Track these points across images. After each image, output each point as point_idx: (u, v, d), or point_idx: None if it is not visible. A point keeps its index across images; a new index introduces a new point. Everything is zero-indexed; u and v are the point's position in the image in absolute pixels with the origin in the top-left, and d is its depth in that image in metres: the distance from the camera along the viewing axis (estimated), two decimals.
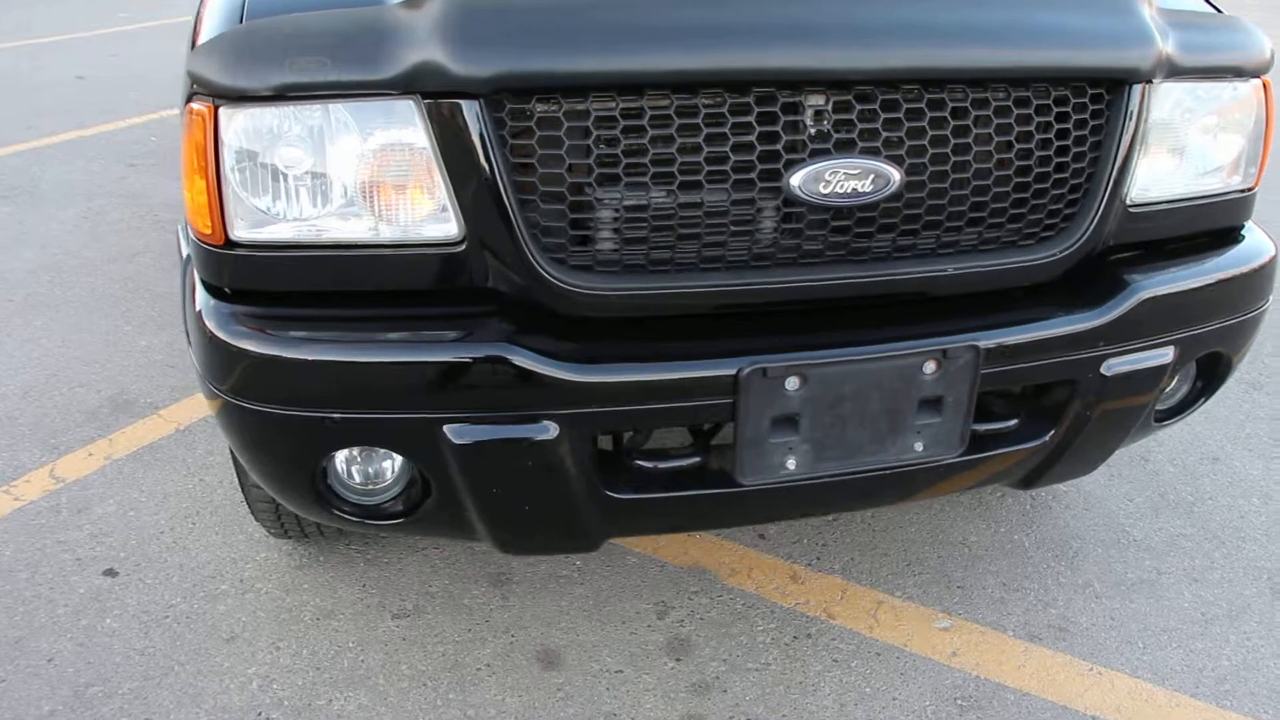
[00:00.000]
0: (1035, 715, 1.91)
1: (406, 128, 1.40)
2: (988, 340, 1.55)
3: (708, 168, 1.44)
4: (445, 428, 1.44)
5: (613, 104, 1.40)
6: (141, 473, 2.57)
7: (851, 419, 1.54)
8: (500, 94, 1.38)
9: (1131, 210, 1.66)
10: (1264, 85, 1.75)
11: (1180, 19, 1.66)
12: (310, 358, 1.41)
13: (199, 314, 1.51)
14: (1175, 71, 1.62)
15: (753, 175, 1.45)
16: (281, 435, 1.48)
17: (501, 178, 1.40)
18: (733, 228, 1.48)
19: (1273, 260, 1.80)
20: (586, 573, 2.26)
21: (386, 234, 1.45)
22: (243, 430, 1.52)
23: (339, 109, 1.40)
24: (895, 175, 1.48)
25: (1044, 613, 2.16)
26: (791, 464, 1.55)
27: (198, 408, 2.85)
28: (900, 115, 1.48)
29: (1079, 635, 2.10)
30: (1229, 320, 1.75)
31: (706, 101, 1.42)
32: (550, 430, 1.45)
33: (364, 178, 1.43)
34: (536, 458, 1.47)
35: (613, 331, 1.50)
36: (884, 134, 1.47)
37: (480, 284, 1.47)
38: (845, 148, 1.46)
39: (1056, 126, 1.56)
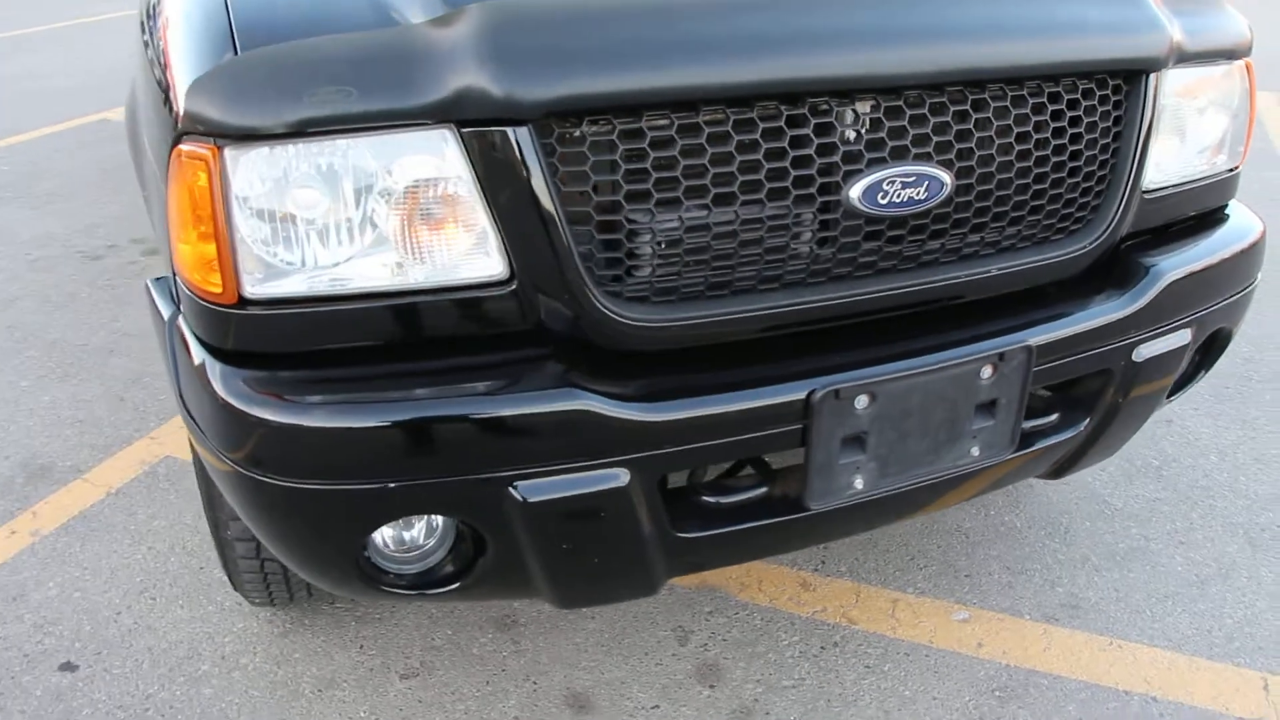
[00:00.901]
0: (1071, 696, 1.93)
1: (445, 160, 1.27)
2: (1038, 338, 1.54)
3: (768, 184, 1.36)
4: (511, 486, 1.32)
5: (668, 122, 1.31)
6: (78, 547, 2.32)
7: (914, 432, 1.50)
8: (550, 118, 1.26)
9: (1146, 196, 1.68)
10: (1247, 66, 1.79)
11: (1178, 5, 1.68)
12: (365, 424, 1.27)
13: (210, 386, 1.33)
14: (1183, 58, 1.63)
15: (813, 189, 1.38)
16: (323, 511, 1.33)
17: (554, 208, 1.28)
18: (791, 245, 1.41)
19: (1263, 236, 1.85)
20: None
21: (425, 278, 1.31)
22: (272, 510, 1.36)
23: (367, 143, 1.25)
24: (947, 179, 1.44)
25: (1052, 592, 2.19)
26: (859, 483, 1.50)
27: (127, 466, 2.60)
28: (948, 118, 1.44)
29: (1090, 611, 2.13)
30: (1233, 296, 1.80)
31: (763, 114, 1.34)
32: (622, 477, 1.35)
33: (399, 218, 1.29)
34: (609, 507, 1.37)
35: (671, 365, 1.40)
36: (934, 138, 1.43)
37: (530, 325, 1.36)
38: (900, 155, 1.41)
39: (1085, 120, 1.55)
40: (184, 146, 1.29)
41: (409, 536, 1.49)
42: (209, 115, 1.24)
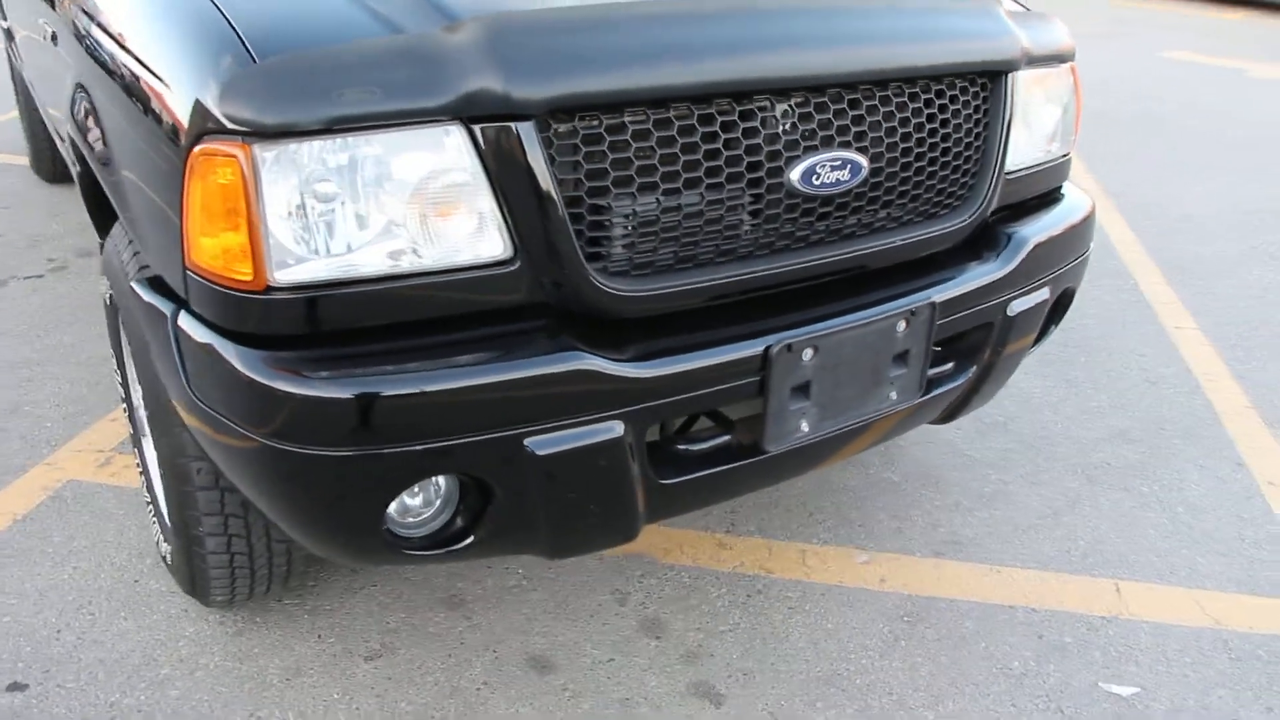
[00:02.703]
0: (966, 614, 2.23)
1: (458, 153, 1.42)
2: (938, 296, 1.82)
3: (727, 169, 1.58)
4: (527, 441, 1.48)
5: (644, 117, 1.51)
6: None
7: (846, 380, 1.75)
8: (551, 114, 1.44)
9: (1008, 177, 2.00)
10: (1073, 69, 2.16)
11: (1023, 19, 2.02)
12: (395, 393, 1.39)
13: (235, 368, 1.42)
14: (1030, 60, 1.97)
15: (762, 173, 1.61)
16: (355, 475, 1.44)
17: (554, 194, 1.46)
18: (745, 221, 1.63)
19: (1094, 210, 2.22)
20: (533, 579, 2.30)
21: (438, 261, 1.45)
22: (300, 481, 1.45)
23: (387, 139, 1.39)
24: (864, 163, 1.71)
25: (935, 532, 2.50)
26: (805, 426, 1.74)
27: (28, 493, 2.53)
28: (861, 111, 1.70)
29: (969, 545, 2.46)
30: (1076, 259, 2.16)
31: (721, 110, 1.56)
32: (617, 429, 1.54)
33: (415, 207, 1.43)
34: (606, 457, 1.54)
35: (653, 329, 1.60)
36: (853, 129, 1.69)
37: (530, 299, 1.52)
38: (827, 143, 1.66)
39: (964, 113, 1.85)
40: (206, 146, 1.38)
41: (411, 504, 1.61)
42: (242, 115, 1.34)
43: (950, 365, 1.99)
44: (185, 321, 1.53)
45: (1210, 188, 5.22)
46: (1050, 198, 2.22)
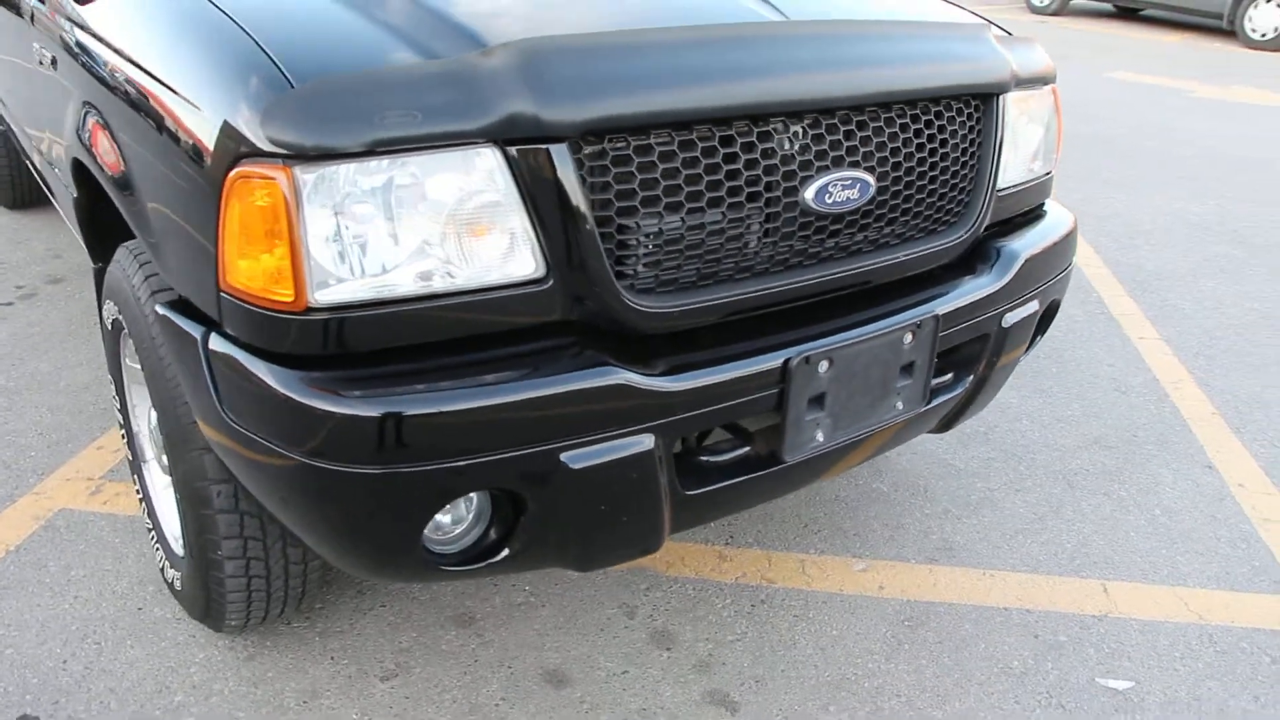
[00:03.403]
0: (965, 617, 2.30)
1: (493, 175, 1.46)
2: (942, 308, 1.89)
3: (746, 189, 1.64)
4: (563, 455, 1.51)
5: (669, 139, 1.56)
6: None
7: (858, 390, 1.81)
8: (584, 137, 1.48)
9: (999, 194, 2.09)
10: (1054, 90, 2.26)
11: (1009, 43, 2.11)
12: (438, 410, 1.42)
13: (273, 388, 1.44)
14: (1019, 83, 2.06)
15: (778, 192, 1.67)
16: (397, 492, 1.46)
17: (586, 214, 1.50)
18: (764, 238, 1.69)
19: (1076, 224, 2.32)
20: (541, 595, 2.33)
21: (473, 280, 1.49)
22: (341, 498, 1.47)
23: (426, 161, 1.42)
24: (872, 181, 1.78)
25: (927, 539, 2.57)
26: (820, 436, 1.79)
27: (19, 524, 2.49)
28: (868, 132, 1.77)
29: (961, 551, 2.53)
30: (1062, 273, 2.25)
31: (740, 131, 1.62)
32: (647, 442, 1.58)
33: (451, 227, 1.46)
34: (637, 469, 1.58)
35: (675, 345, 1.64)
36: (860, 149, 1.76)
37: (560, 317, 1.56)
38: (838, 163, 1.73)
39: (960, 133, 1.93)
40: (244, 168, 1.41)
41: (443, 521, 1.64)
42: (285, 138, 1.37)
43: (950, 376, 2.06)
44: (217, 343, 1.54)
45: (1160, 203, 5.43)
46: (1034, 214, 2.31)
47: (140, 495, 2.32)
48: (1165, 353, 3.64)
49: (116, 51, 1.80)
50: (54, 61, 2.18)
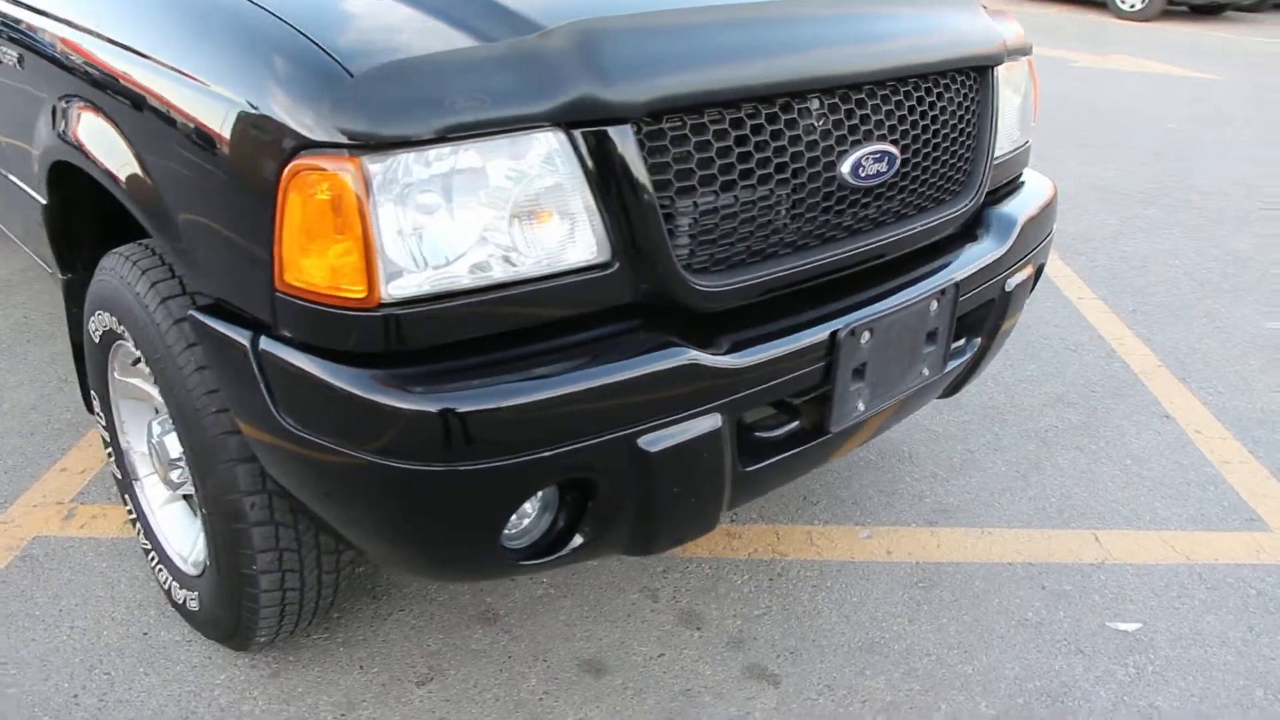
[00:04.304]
0: (974, 575, 2.37)
1: (560, 159, 1.43)
2: (959, 275, 1.94)
3: (793, 164, 1.65)
4: (639, 440, 1.50)
5: (722, 117, 1.56)
6: None
7: (892, 360, 1.85)
8: (647, 117, 1.47)
9: (995, 163, 2.16)
10: (1030, 61, 2.34)
11: (994, 18, 2.17)
12: (522, 401, 1.39)
13: (346, 389, 1.39)
14: (1009, 54, 2.13)
15: (819, 167, 1.69)
16: (475, 491, 1.43)
17: (651, 195, 1.49)
18: (806, 214, 1.71)
19: (1056, 191, 2.41)
20: (560, 586, 2.31)
21: (541, 267, 1.46)
22: (421, 498, 1.43)
23: (493, 146, 1.39)
24: (897, 154, 1.81)
25: (922, 503, 2.64)
26: (861, 406, 1.82)
27: None
28: (891, 106, 1.80)
29: (956, 511, 2.61)
30: (1048, 237, 2.33)
31: (784, 107, 1.63)
32: (716, 421, 1.58)
33: (519, 214, 1.43)
34: (710, 449, 1.58)
35: (728, 323, 1.65)
36: (886, 123, 1.79)
37: (624, 300, 1.54)
38: (868, 137, 1.76)
39: (965, 104, 1.99)
40: (304, 162, 1.35)
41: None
42: (353, 127, 1.32)
43: (961, 341, 2.12)
44: (270, 345, 1.48)
45: (1069, 169, 5.67)
46: (1016, 182, 2.39)
47: (133, 516, 2.21)
48: (1104, 310, 3.81)
49: (123, 46, 1.69)
50: (20, 60, 2.04)
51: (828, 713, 1.98)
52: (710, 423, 1.57)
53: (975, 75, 2.02)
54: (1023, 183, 2.39)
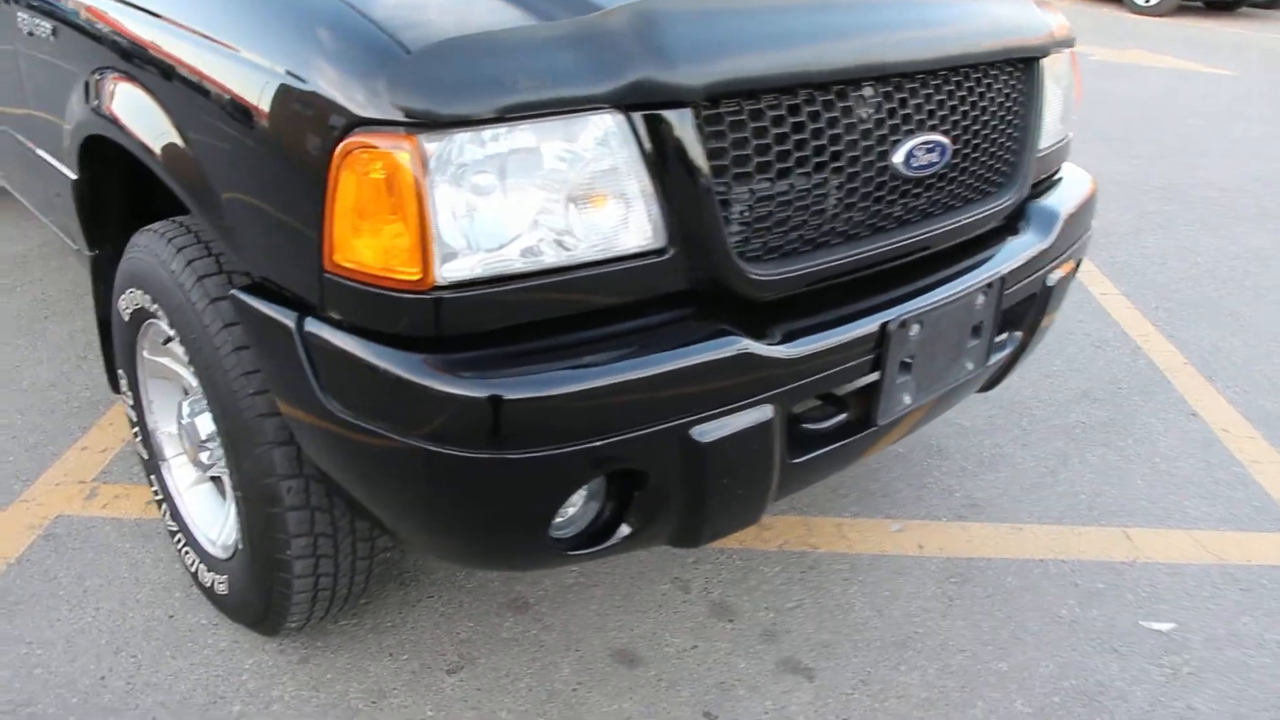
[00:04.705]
0: (1005, 570, 2.35)
1: (617, 142, 1.40)
2: (1004, 269, 1.92)
3: (847, 153, 1.62)
4: (691, 430, 1.47)
5: (778, 103, 1.53)
6: (7, 625, 2.06)
7: (938, 353, 1.82)
8: (707, 101, 1.44)
9: (1038, 156, 2.12)
10: (1073, 54, 2.30)
11: (1041, 8, 2.14)
12: (575, 389, 1.36)
13: (398, 374, 1.36)
14: (1054, 46, 2.09)
15: (872, 156, 1.66)
16: (528, 479, 1.40)
17: (708, 181, 1.46)
18: (858, 203, 1.68)
19: (1096, 186, 2.38)
20: (590, 575, 2.28)
21: (596, 252, 1.43)
22: (471, 486, 1.40)
23: (551, 127, 1.36)
24: (949, 144, 1.78)
25: (952, 497, 2.62)
26: (907, 399, 1.80)
27: (14, 534, 2.31)
28: (944, 95, 1.77)
29: (986, 506, 2.59)
30: (1088, 232, 2.30)
31: (840, 95, 1.60)
32: (767, 412, 1.55)
33: (576, 197, 1.40)
34: (761, 440, 1.55)
35: (778, 313, 1.62)
36: (938, 112, 1.76)
37: (676, 287, 1.51)
38: (920, 127, 1.73)
39: (1013, 94, 1.95)
40: (358, 139, 1.32)
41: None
42: (411, 105, 1.29)
43: (1004, 335, 2.09)
44: (316, 326, 1.45)
45: (1084, 163, 5.62)
46: (1055, 176, 2.36)
47: (159, 497, 2.18)
48: (1127, 307, 3.79)
49: (168, 20, 1.66)
50: (54, 32, 2.00)
51: (864, 708, 1.96)
52: (762, 414, 1.54)
53: (1023, 66, 1.99)
54: (1061, 178, 2.36)
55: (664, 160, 1.43)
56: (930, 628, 2.17)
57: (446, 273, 1.35)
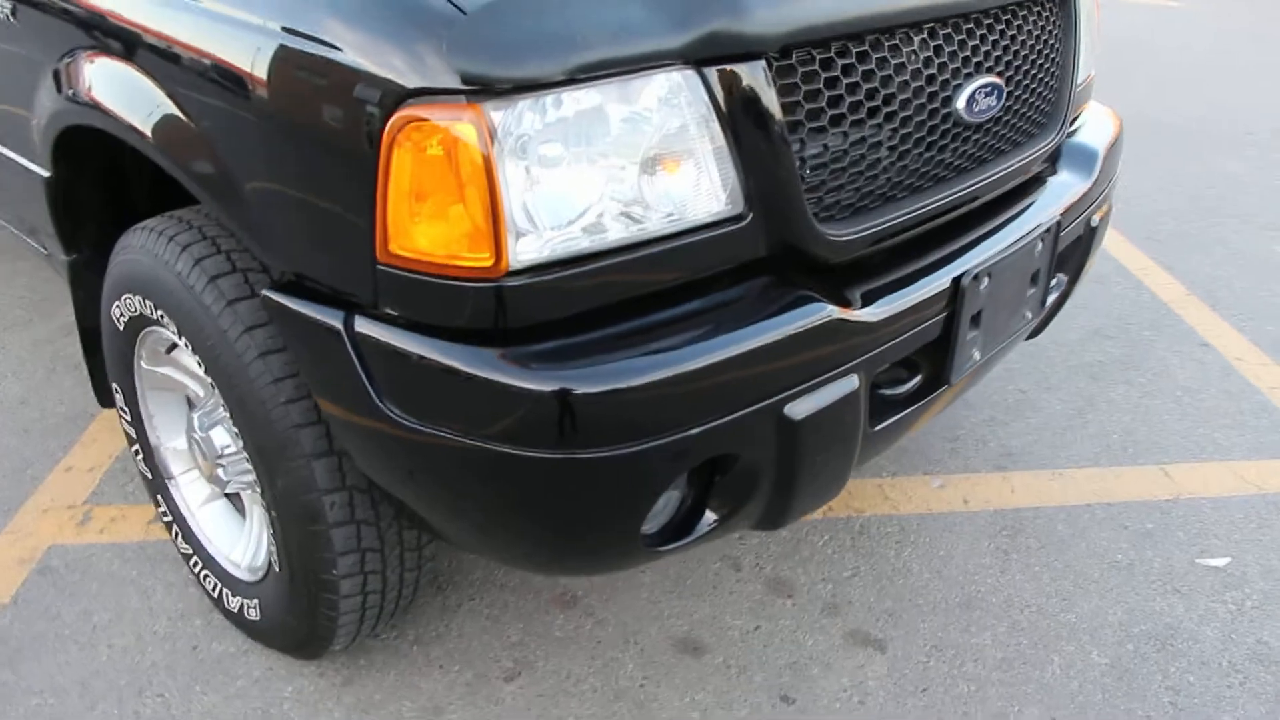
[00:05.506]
0: (1054, 519, 2.29)
1: (693, 100, 1.27)
2: (1058, 211, 1.83)
3: (915, 100, 1.51)
4: (786, 408, 1.37)
5: (848, 51, 1.41)
6: (12, 676, 1.89)
7: (1003, 304, 1.73)
8: (780, 52, 1.32)
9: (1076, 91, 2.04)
10: None
11: None
12: (664, 375, 1.23)
13: (476, 372, 1.23)
14: None
15: (938, 103, 1.55)
16: (623, 476, 1.28)
17: (785, 139, 1.34)
18: (924, 152, 1.57)
19: (1123, 125, 2.30)
20: None
21: (672, 223, 1.30)
22: (562, 488, 1.28)
23: (622, 88, 1.22)
24: (1003, 86, 1.68)
25: (987, 448, 2.56)
26: (976, 354, 1.71)
27: (7, 564, 2.13)
28: (996, 35, 1.67)
29: (1022, 454, 2.53)
30: (1117, 173, 2.23)
31: (905, 40, 1.49)
32: (855, 381, 1.45)
33: (651, 163, 1.27)
34: (851, 411, 1.45)
35: (855, 273, 1.51)
36: (993, 54, 1.66)
37: (755, 254, 1.39)
38: (978, 70, 1.62)
39: (1052, 31, 1.86)
40: (412, 111, 1.17)
41: None
42: (476, 71, 1.14)
43: (1055, 280, 2.01)
44: (368, 325, 1.31)
45: None
46: (1081, 114, 2.27)
47: (169, 519, 2.02)
48: (1121, 240, 3.75)
49: None
50: (13, 13, 1.80)
51: (942, 675, 1.89)
52: (850, 383, 1.44)
53: (1061, 1, 1.89)
54: (1087, 116, 2.28)
55: (737, 118, 1.30)
56: (991, 585, 2.11)
57: (523, 255, 1.21)
